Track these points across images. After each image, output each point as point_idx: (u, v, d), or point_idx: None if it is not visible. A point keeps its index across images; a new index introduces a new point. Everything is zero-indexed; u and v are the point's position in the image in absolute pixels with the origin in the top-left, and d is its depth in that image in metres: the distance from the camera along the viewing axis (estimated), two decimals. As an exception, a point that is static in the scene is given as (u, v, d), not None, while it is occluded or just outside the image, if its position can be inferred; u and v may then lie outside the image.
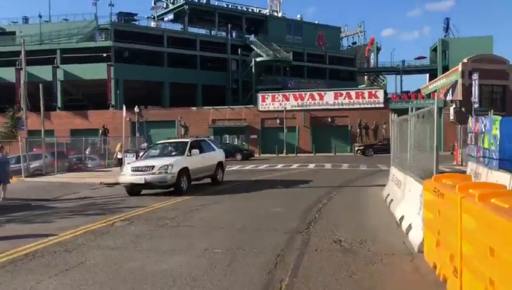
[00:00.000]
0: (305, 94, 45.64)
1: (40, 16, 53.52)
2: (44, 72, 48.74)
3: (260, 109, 46.06)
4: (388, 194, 11.19)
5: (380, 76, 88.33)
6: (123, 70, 49.46)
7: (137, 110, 43.54)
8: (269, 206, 11.19)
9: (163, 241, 7.67)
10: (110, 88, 48.94)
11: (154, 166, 13.81)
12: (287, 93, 46.22)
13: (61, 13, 75.64)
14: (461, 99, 43.33)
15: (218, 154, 17.18)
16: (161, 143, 17.08)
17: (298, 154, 41.83)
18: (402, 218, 8.05)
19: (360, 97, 44.72)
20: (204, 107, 47.67)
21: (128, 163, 16.53)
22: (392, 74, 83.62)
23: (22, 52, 29.28)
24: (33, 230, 8.93)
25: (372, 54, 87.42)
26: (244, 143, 45.94)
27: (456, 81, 45.24)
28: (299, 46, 62.60)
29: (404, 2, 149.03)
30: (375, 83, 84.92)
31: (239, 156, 36.11)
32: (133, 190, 14.12)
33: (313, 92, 45.74)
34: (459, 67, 44.48)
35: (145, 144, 32.80)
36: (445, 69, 68.42)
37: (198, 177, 15.45)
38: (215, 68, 56.65)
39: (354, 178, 18.63)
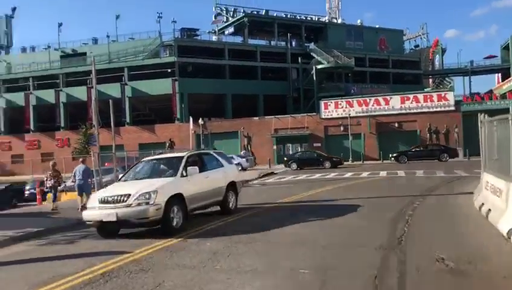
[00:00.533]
0: (370, 99, 44.20)
1: (107, 36, 56.07)
2: (113, 89, 50.84)
3: (323, 117, 45.16)
4: (483, 204, 10.10)
5: (446, 78, 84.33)
6: (187, 84, 50.53)
7: (202, 122, 44.04)
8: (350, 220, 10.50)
9: (243, 259, 7.23)
10: (175, 102, 50.11)
11: (129, 195, 9.45)
12: (350, 100, 45.00)
13: (128, 32, 78.56)
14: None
15: (228, 172, 12.53)
16: (148, 160, 12.08)
17: (365, 162, 40.41)
18: (510, 232, 7.09)
19: (429, 100, 42.61)
20: (266, 117, 47.50)
21: (96, 192, 12.27)
22: (459, 75, 79.63)
23: (93, 71, 30.41)
24: (108, 246, 8.80)
25: (437, 56, 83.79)
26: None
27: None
28: (361, 52, 61.07)
29: (467, 1, 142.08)
30: (441, 86, 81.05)
31: (328, 164, 34.62)
32: (104, 228, 9.84)
33: (378, 97, 44.20)
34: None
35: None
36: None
37: (200, 206, 11.01)
38: (275, 78, 56.56)
39: (434, 186, 17.36)
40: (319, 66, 53.61)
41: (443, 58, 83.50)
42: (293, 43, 58.68)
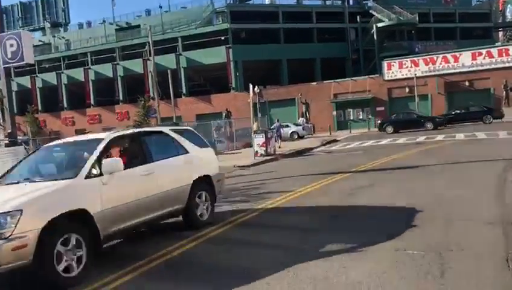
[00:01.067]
0: (437, 57, 41.04)
1: (160, 7, 55.66)
2: (168, 60, 50.74)
3: (386, 78, 42.60)
4: None
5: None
6: (241, 52, 49.36)
7: (258, 91, 42.92)
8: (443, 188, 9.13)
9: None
10: (230, 71, 49.22)
11: None
12: (415, 58, 41.99)
13: (180, 2, 77.80)
14: None
15: (196, 162, 7.70)
16: (49, 147, 7.42)
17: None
18: None
19: (504, 55, 38.89)
20: (325, 82, 45.53)
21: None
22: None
23: (150, 42, 30.05)
24: (173, 224, 7.76)
25: (509, 6, 76.94)
26: (370, 117, 43.11)
27: None
28: (424, 6, 56.75)
29: None
30: (514, 40, 74.88)
31: (429, 125, 31.14)
32: None
33: (446, 55, 40.91)
34: None
35: (278, 124, 32.04)
36: None
37: (134, 225, 6.46)
38: (333, 40, 53.94)
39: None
40: (380, 24, 50.44)
41: (516, 8, 76.63)
42: (350, 1, 55.50)
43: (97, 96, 54.72)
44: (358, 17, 52.84)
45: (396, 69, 42.14)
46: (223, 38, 49.20)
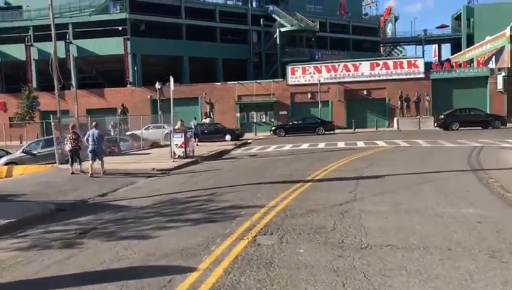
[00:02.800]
0: (339, 65, 42.23)
1: (47, -12, 49.67)
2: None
3: (289, 83, 42.74)
4: None
5: (398, 47, 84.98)
6: (140, 44, 46.05)
7: (159, 87, 40.39)
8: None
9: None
10: (127, 64, 45.61)
11: None
12: (318, 65, 42.75)
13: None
14: (510, 66, 40.01)
15: None
16: None
17: (336, 131, 38.66)
18: None
19: (399, 67, 41.34)
20: (229, 82, 44.32)
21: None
22: (412, 44, 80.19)
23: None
24: (129, 255, 5.87)
25: (389, 24, 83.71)
26: (273, 120, 42.92)
27: (503, 47, 41.81)
28: (321, 16, 58.70)
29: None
30: (393, 54, 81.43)
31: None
32: None
33: (347, 63, 42.28)
34: (507, 32, 40.97)
35: (195, 122, 29.89)
36: (470, 37, 64.89)
37: None
38: (235, 41, 53.09)
39: (465, 158, 15.60)
40: (283, 29, 50.68)
41: (395, 27, 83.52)
42: (253, 3, 55.14)
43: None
44: (261, 20, 52.62)
45: (299, 74, 42.50)
46: (120, 28, 45.42)
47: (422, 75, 40.63)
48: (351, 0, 64.15)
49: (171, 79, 18.48)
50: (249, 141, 30.41)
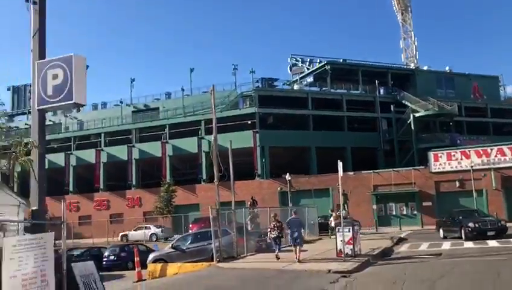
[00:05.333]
0: (491, 149, 37.30)
1: (182, 90, 53.28)
2: (188, 144, 47.18)
3: (433, 170, 38.49)
4: None
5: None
6: (268, 137, 45.86)
7: (289, 179, 38.78)
8: None
9: None
10: (256, 156, 45.29)
11: None
12: (466, 150, 38.22)
13: (199, 86, 76.08)
14: None
15: None
16: None
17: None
18: None
19: None
20: (363, 172, 41.30)
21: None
22: None
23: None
24: None
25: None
26: (415, 212, 38.38)
27: None
28: (454, 100, 54.53)
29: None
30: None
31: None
32: None
33: (502, 147, 37.20)
34: None
35: (335, 213, 27.33)
36: None
37: None
38: (363, 129, 50.91)
39: None
40: (417, 114, 47.47)
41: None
42: (381, 91, 53.20)
43: (107, 180, 50.17)
44: (392, 106, 50.19)
45: (444, 161, 38.23)
46: (249, 122, 45.97)
47: None
48: (486, 82, 59.49)
49: (340, 164, 16.25)
50: (402, 236, 26.36)
